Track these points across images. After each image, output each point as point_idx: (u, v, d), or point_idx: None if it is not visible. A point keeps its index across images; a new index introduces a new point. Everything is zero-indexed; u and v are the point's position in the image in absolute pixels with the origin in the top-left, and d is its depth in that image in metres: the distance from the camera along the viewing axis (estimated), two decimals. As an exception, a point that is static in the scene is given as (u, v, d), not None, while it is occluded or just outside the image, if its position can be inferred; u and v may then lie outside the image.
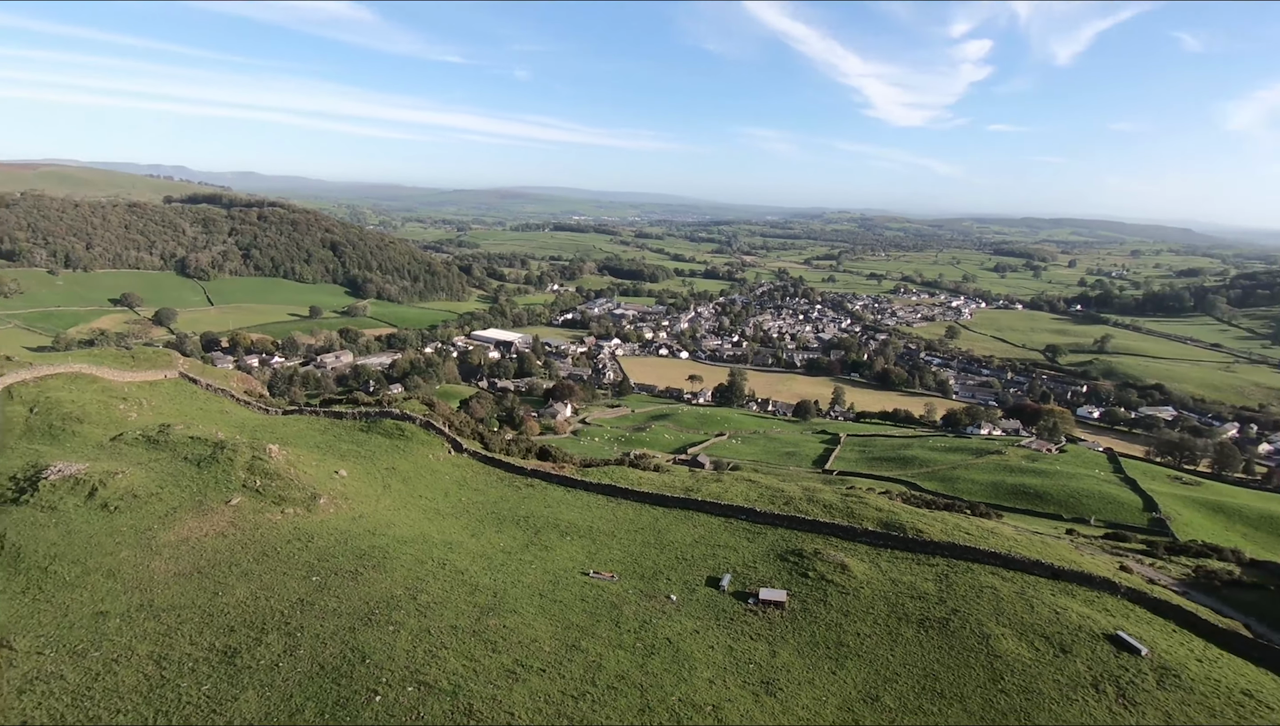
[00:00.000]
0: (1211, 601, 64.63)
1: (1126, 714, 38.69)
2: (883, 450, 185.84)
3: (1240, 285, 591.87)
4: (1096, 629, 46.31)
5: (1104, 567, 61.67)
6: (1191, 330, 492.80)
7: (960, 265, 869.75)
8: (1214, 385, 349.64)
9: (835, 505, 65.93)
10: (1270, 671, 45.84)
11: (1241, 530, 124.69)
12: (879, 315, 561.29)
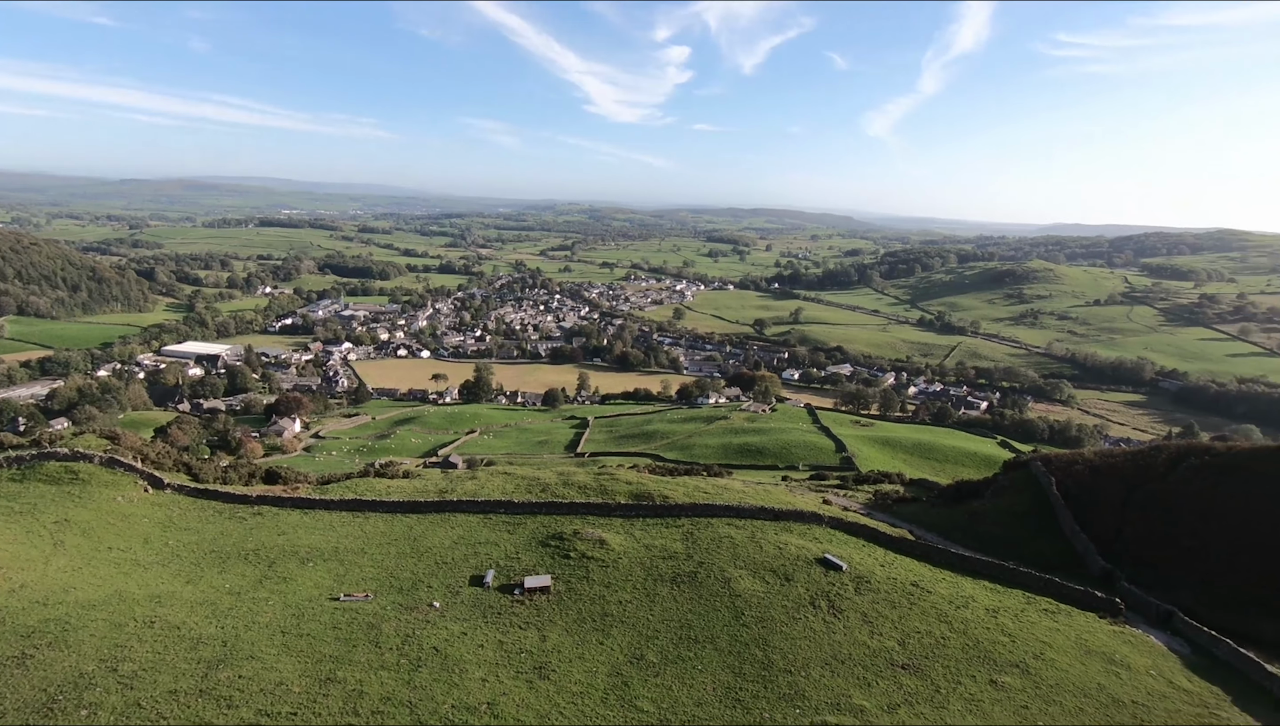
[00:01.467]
0: (886, 517, 79.94)
1: (836, 620, 46.47)
2: (628, 428, 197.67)
3: (888, 262, 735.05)
4: (810, 556, 54.71)
5: (811, 504, 72.92)
6: (857, 299, 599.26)
7: (680, 252, 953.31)
8: (876, 343, 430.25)
9: (590, 485, 68.72)
10: (928, 563, 58.30)
11: (903, 457, 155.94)
12: (614, 301, 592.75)
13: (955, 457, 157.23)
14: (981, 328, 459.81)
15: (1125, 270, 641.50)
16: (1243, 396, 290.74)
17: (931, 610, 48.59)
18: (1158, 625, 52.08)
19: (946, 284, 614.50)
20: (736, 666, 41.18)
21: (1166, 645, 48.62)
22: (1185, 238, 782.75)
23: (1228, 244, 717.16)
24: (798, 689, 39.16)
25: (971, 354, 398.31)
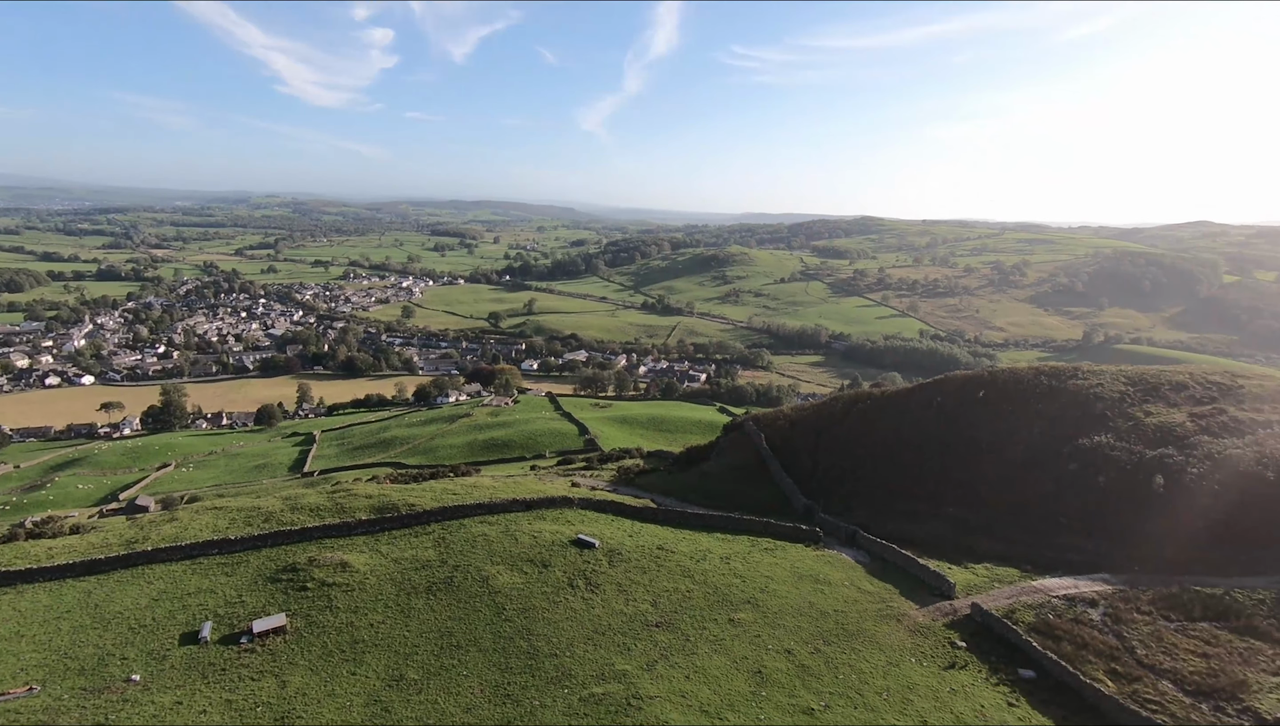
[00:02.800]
0: (631, 490, 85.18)
1: (595, 595, 48.50)
2: (363, 438, 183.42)
3: (610, 251, 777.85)
4: (565, 539, 56.21)
5: (561, 488, 74.81)
6: (587, 287, 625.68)
7: (404, 247, 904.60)
8: (608, 328, 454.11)
9: (323, 506, 62.53)
10: (670, 527, 63.48)
11: (640, 432, 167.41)
12: (333, 303, 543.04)
13: (684, 427, 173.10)
14: (696, 308, 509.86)
15: (801, 252, 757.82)
16: (889, 350, 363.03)
17: (676, 568, 53.12)
18: (848, 543, 63.13)
19: (664, 269, 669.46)
20: (503, 662, 40.92)
21: (855, 559, 59.17)
22: (840, 224, 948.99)
23: (868, 228, 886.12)
24: (564, 669, 40.19)
25: (690, 332, 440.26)
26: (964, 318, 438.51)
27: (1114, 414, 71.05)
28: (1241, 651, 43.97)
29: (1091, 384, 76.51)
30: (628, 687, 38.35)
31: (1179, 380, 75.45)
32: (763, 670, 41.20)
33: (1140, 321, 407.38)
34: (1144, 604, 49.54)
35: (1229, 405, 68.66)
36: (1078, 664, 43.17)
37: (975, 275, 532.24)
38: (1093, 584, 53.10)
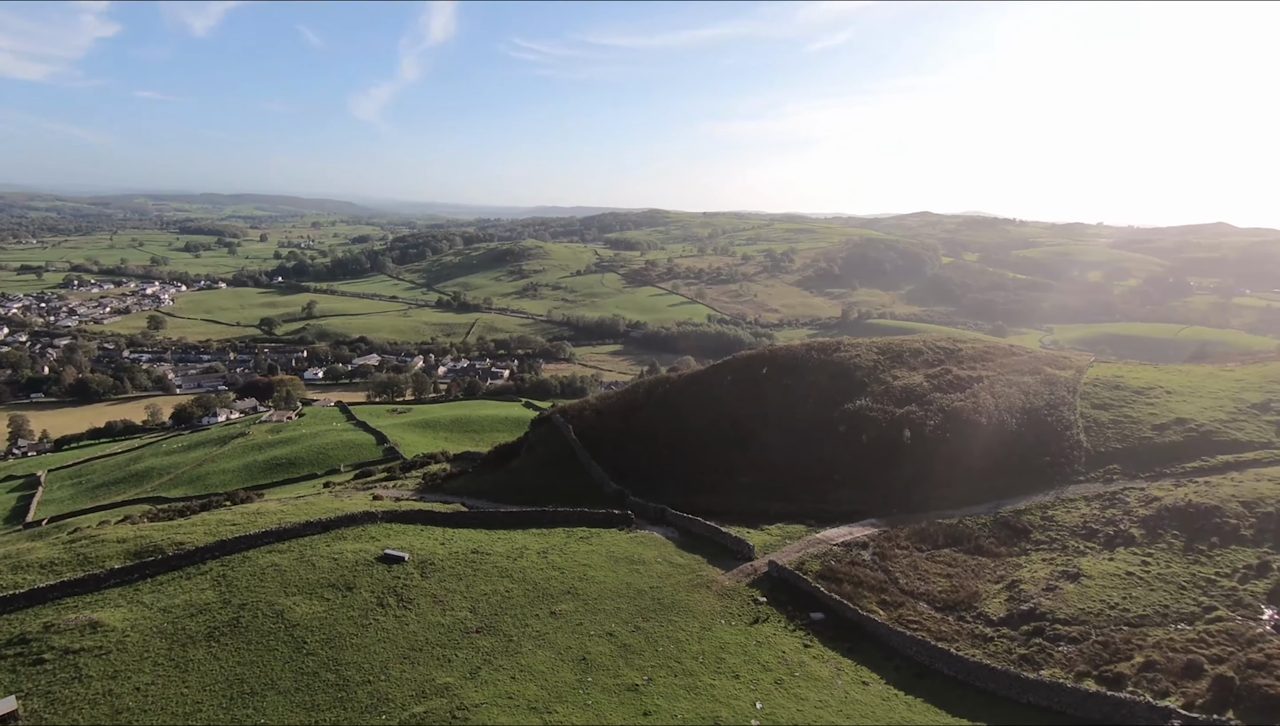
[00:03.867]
0: (440, 496, 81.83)
1: (408, 611, 46.02)
2: (107, 473, 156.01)
3: (398, 247, 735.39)
4: (370, 557, 52.55)
5: (361, 504, 69.79)
6: (374, 287, 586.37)
7: (145, 247, 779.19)
8: (400, 329, 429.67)
9: (59, 560, 52.34)
10: (485, 529, 62.05)
11: (445, 435, 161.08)
12: (53, 316, 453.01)
13: (491, 425, 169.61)
14: (494, 303, 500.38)
15: (595, 245, 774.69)
16: (681, 335, 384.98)
17: (494, 570, 52.10)
18: (658, 522, 66.18)
19: (457, 265, 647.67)
20: (308, 700, 37.37)
21: (665, 535, 62.22)
22: (630, 216, 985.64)
23: (656, 220, 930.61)
24: (380, 694, 37.71)
25: (489, 328, 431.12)
26: (745, 302, 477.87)
27: (870, 380, 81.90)
28: (973, 568, 53.21)
29: (852, 356, 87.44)
30: (451, 700, 36.99)
31: (916, 347, 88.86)
32: (587, 656, 41.94)
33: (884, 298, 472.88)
34: (902, 540, 57.95)
35: (953, 366, 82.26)
36: (856, 600, 49.41)
37: (752, 263, 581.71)
38: (864, 529, 61.01)
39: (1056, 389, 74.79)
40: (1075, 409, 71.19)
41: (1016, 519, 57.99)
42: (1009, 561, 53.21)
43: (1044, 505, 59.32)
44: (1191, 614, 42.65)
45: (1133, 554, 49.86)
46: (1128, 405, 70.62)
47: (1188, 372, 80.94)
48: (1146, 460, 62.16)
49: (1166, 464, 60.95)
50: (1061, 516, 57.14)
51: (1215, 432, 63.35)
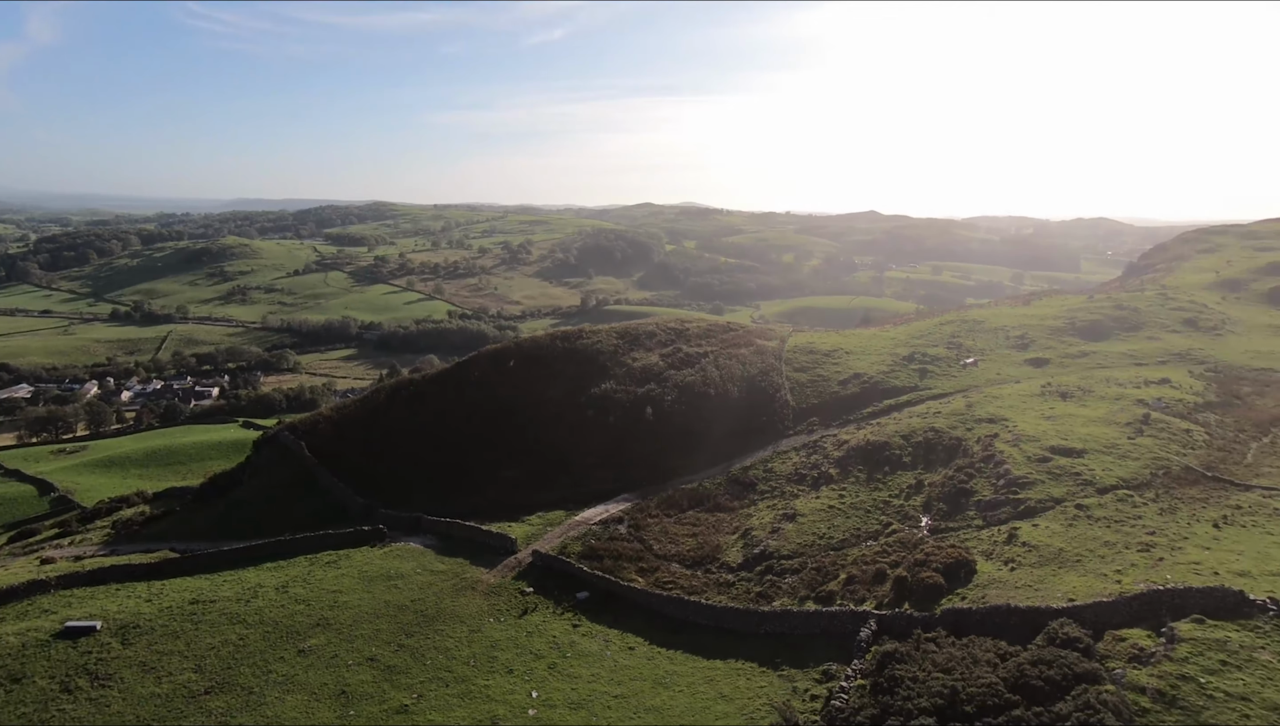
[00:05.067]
0: (139, 545, 68.79)
1: (108, 689, 38.14)
2: None
3: (46, 249, 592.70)
4: (44, 635, 42.50)
5: (24, 573, 56.00)
6: (15, 300, 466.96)
7: None
8: (61, 351, 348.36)
9: None
10: (205, 574, 53.63)
11: (138, 472, 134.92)
12: None
13: (201, 454, 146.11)
14: (191, 312, 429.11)
15: (313, 241, 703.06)
16: (422, 334, 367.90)
17: (221, 618, 45.40)
18: (413, 531, 62.93)
19: (135, 269, 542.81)
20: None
21: (423, 544, 59.44)
22: (352, 209, 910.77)
23: (383, 213, 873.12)
24: (78, 799, 30.88)
25: (188, 341, 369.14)
26: (485, 295, 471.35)
27: (612, 363, 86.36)
28: (715, 524, 59.30)
29: (594, 342, 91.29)
30: (180, 779, 31.67)
31: (650, 330, 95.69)
32: (347, 689, 38.66)
33: (618, 285, 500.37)
34: (653, 509, 62.41)
35: (683, 344, 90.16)
36: (617, 573, 52.15)
37: (489, 255, 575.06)
38: (619, 504, 64.45)
39: (766, 358, 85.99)
40: (782, 373, 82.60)
41: (745, 475, 65.79)
42: (741, 513, 60.24)
43: (765, 460, 68.06)
44: (876, 531, 52.37)
45: (832, 490, 59.59)
46: (820, 366, 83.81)
47: (859, 335, 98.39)
48: (836, 410, 74.47)
49: (850, 412, 73.68)
50: (779, 467, 66.11)
51: (881, 382, 78.09)
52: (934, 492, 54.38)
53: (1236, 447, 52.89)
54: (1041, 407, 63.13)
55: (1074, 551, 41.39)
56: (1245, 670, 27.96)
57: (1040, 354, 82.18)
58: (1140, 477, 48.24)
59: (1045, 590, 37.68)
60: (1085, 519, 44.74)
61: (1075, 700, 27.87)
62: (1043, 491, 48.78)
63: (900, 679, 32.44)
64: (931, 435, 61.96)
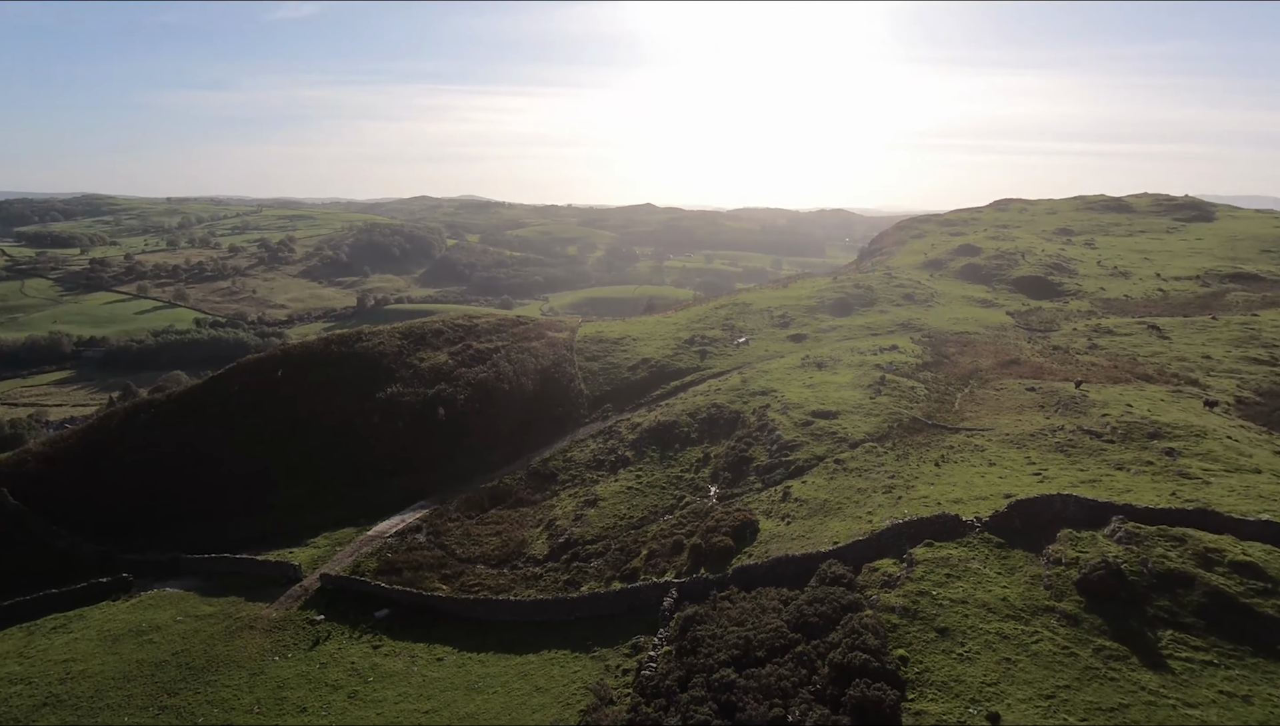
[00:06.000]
0: None
1: None
2: None
3: None
4: None
5: None
6: None
7: None
8: None
9: None
10: None
11: None
12: None
13: None
14: None
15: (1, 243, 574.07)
16: (164, 347, 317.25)
17: (-103, 722, 35.82)
18: (170, 574, 54.52)
19: None
20: None
21: (183, 588, 51.78)
22: (54, 204, 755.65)
23: (99, 208, 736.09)
24: None
25: None
26: (242, 300, 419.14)
27: (398, 365, 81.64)
28: (518, 520, 58.86)
29: (375, 344, 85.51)
30: None
31: (437, 328, 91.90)
32: (93, 772, 32.62)
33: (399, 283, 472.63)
34: (453, 512, 60.32)
35: (473, 341, 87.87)
36: (419, 584, 49.73)
37: (244, 254, 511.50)
38: (416, 513, 61.34)
39: (559, 349, 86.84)
40: (575, 364, 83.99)
41: (545, 467, 66.04)
42: (545, 505, 60.47)
43: (564, 450, 68.86)
44: (672, 506, 55.55)
45: (630, 472, 62.04)
46: (610, 354, 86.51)
47: (644, 322, 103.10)
48: (628, 395, 77.46)
49: (641, 395, 77.08)
50: (578, 455, 67.28)
51: (667, 365, 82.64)
52: (719, 463, 58.93)
53: (948, 398, 63.99)
54: (803, 378, 71.11)
55: (836, 500, 47.38)
56: (964, 579, 34.12)
57: (799, 331, 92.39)
58: (881, 431, 56.45)
59: (815, 537, 42.72)
60: (842, 471, 51.40)
61: (844, 628, 32.04)
62: (808, 451, 55.09)
63: (701, 638, 34.88)
64: (714, 411, 66.96)
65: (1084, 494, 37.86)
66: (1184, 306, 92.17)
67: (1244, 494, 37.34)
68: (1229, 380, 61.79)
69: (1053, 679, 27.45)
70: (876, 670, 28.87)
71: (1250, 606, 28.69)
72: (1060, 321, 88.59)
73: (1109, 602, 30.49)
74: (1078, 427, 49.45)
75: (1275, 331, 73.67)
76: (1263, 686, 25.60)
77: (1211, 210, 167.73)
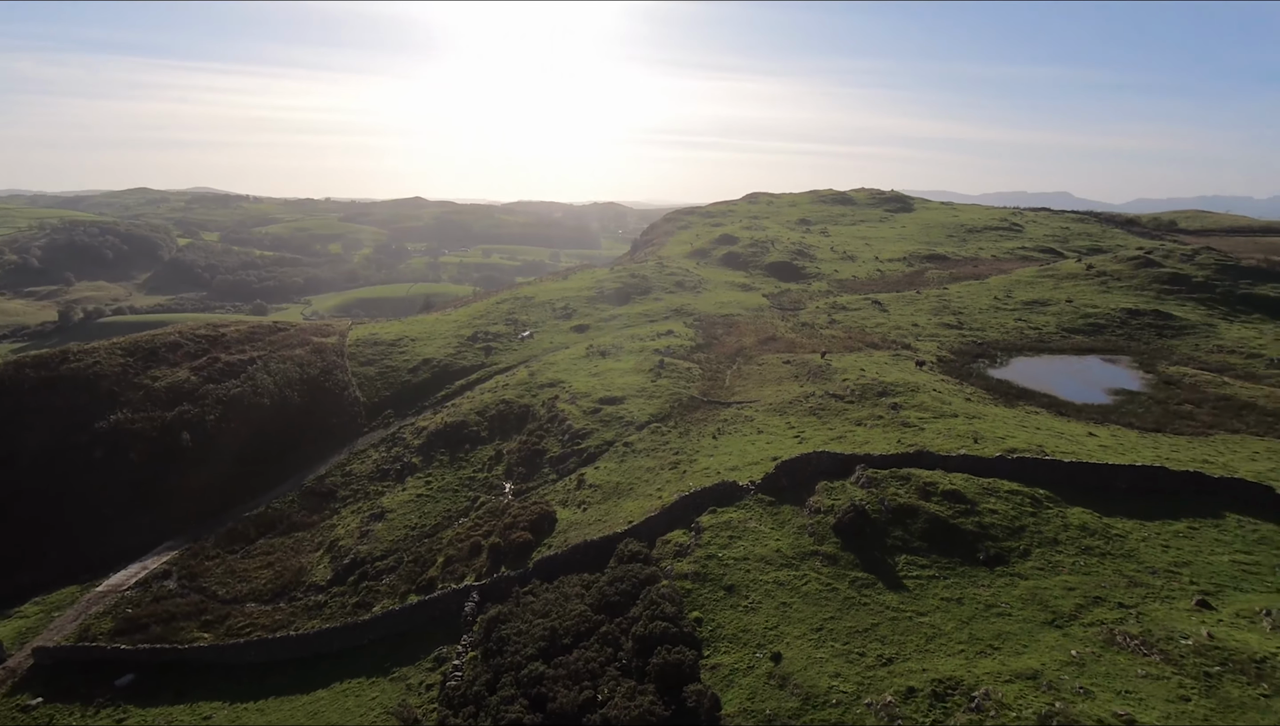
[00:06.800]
0: None
1: None
2: None
3: None
4: None
5: None
6: None
7: None
8: None
9: None
10: None
11: None
12: None
13: None
14: None
15: None
16: None
17: None
18: None
19: None
20: None
21: None
22: None
23: None
24: None
25: None
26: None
27: (123, 388, 69.33)
28: (293, 546, 53.26)
29: (89, 364, 71.74)
30: None
31: (172, 341, 79.43)
32: None
33: (116, 291, 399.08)
34: (211, 550, 52.90)
35: (220, 353, 77.34)
36: (172, 637, 43.00)
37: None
38: (160, 556, 52.79)
39: (327, 355, 79.68)
40: (348, 370, 77.67)
41: (321, 484, 60.44)
42: (324, 526, 55.39)
43: (342, 464, 63.56)
44: (466, 508, 53.89)
45: (419, 479, 59.03)
46: (387, 357, 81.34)
47: (423, 321, 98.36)
48: (410, 399, 73.54)
49: (425, 398, 73.60)
50: (358, 468, 62.52)
51: (450, 364, 79.72)
52: (512, 459, 58.35)
53: (719, 376, 69.59)
54: (588, 367, 72.78)
55: (628, 482, 49.34)
56: (744, 538, 37.51)
57: (582, 321, 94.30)
58: (664, 411, 59.81)
59: (612, 519, 44.16)
60: (632, 453, 53.63)
61: (643, 601, 33.59)
62: (599, 438, 56.65)
63: (507, 637, 34.42)
64: (504, 407, 66.05)
65: (834, 449, 43.50)
66: (896, 283, 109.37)
67: (948, 435, 45.50)
68: (931, 343, 74.64)
69: (820, 613, 31.30)
70: (675, 635, 30.70)
71: (957, 525, 35.09)
72: (806, 301, 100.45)
73: (858, 539, 35.44)
74: (825, 392, 56.59)
75: (960, 301, 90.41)
76: (970, 589, 31.52)
77: (911, 202, 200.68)
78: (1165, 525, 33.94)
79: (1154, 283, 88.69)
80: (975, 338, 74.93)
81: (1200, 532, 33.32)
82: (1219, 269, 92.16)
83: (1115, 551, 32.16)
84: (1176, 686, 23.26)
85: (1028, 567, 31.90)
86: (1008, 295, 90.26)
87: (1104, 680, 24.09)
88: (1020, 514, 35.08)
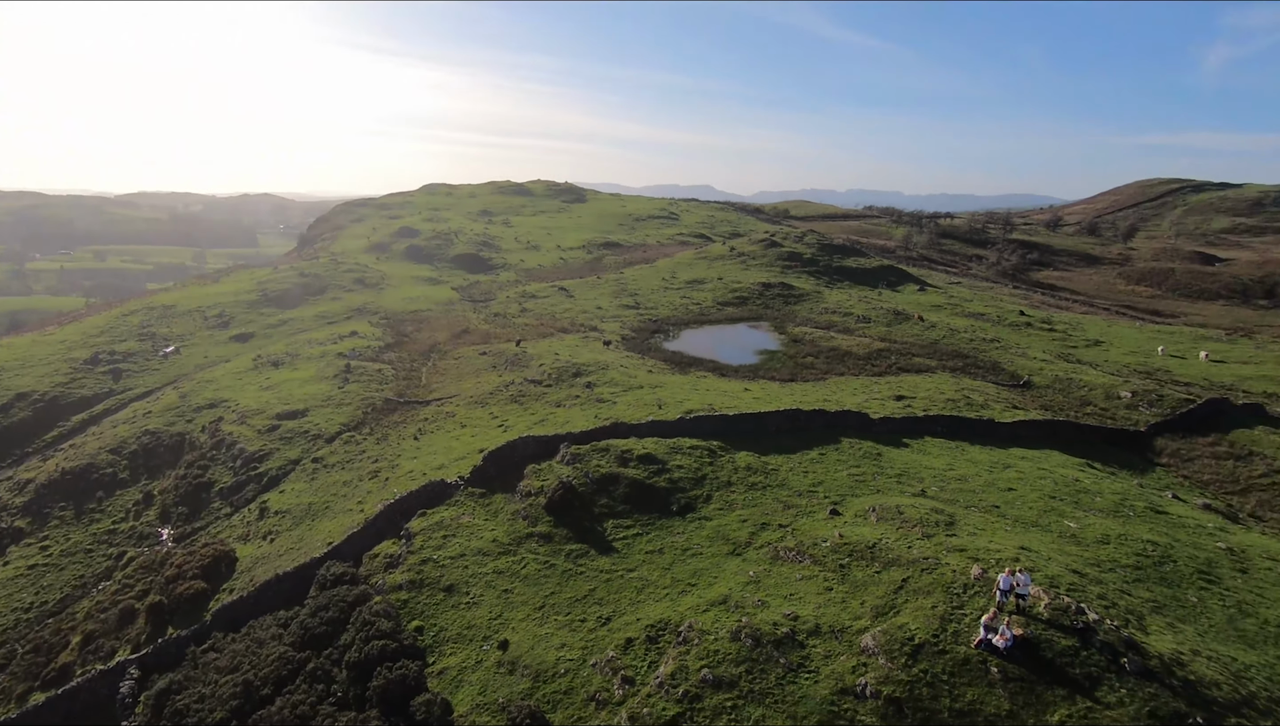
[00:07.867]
0: None
1: None
2: None
3: None
4: None
5: None
6: None
7: None
8: None
9: None
10: None
11: None
12: None
13: None
14: None
15: None
16: None
17: None
18: None
19: None
20: None
21: None
22: None
23: None
24: None
25: None
26: None
27: None
28: None
29: None
30: None
31: None
32: None
33: None
34: None
35: None
36: None
37: None
38: None
39: None
40: (-113, 420, 57.06)
41: None
42: None
43: (-107, 547, 46.72)
44: (109, 569, 43.72)
45: (28, 546, 46.19)
46: (-44, 396, 61.62)
47: (12, 345, 76.54)
48: (5, 446, 56.97)
49: (27, 442, 57.65)
50: (-76, 549, 46.58)
51: (62, 396, 63.47)
52: (168, 499, 48.87)
53: (415, 374, 66.58)
54: (258, 380, 63.91)
55: (322, 500, 44.74)
56: (458, 535, 36.71)
57: (243, 329, 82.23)
58: (356, 419, 55.32)
59: (307, 544, 39.69)
60: (323, 468, 48.69)
61: (354, 625, 30.94)
62: (281, 457, 50.26)
63: (185, 708, 29.02)
64: (149, 439, 54.80)
65: (539, 432, 44.77)
66: (579, 270, 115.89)
67: (637, 405, 49.92)
68: (614, 323, 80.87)
69: (541, 591, 32.18)
70: (395, 650, 28.93)
71: (653, 485, 38.84)
72: (496, 291, 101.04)
73: (569, 513, 37.12)
74: (524, 379, 57.82)
75: (635, 284, 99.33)
76: (668, 538, 35.22)
77: (584, 194, 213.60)
78: (804, 455, 41.77)
79: (779, 260, 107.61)
80: (650, 316, 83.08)
81: (827, 456, 41.74)
82: (820, 247, 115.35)
83: (772, 483, 38.64)
84: (823, 581, 28.96)
85: (711, 509, 36.68)
86: (673, 276, 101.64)
87: (774, 590, 28.95)
88: (701, 465, 40.09)
